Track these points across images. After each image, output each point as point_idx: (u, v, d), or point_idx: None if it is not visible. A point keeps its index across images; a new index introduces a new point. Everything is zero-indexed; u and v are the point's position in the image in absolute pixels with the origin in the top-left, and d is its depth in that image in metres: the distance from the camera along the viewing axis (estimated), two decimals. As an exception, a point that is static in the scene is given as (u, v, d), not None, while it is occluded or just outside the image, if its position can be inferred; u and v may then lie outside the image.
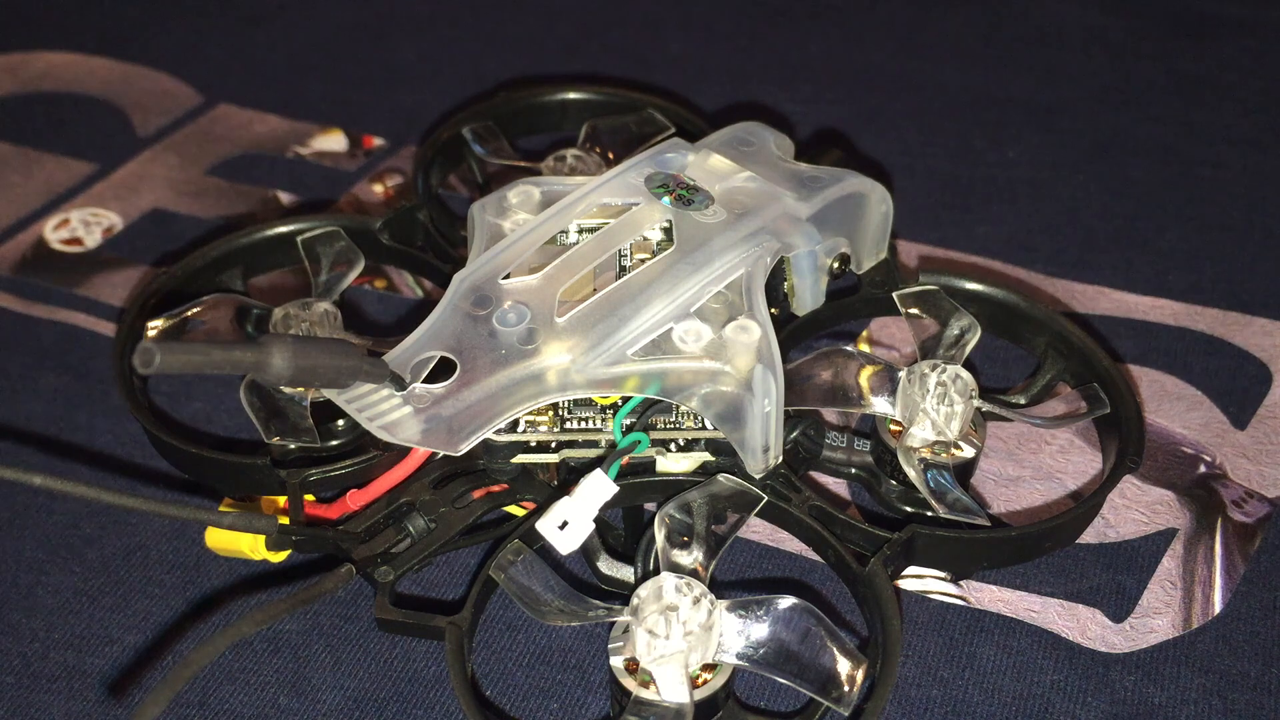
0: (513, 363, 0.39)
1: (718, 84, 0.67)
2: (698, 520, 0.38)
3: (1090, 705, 0.39)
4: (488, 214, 0.45)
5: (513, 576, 0.37)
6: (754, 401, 0.39)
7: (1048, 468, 0.46)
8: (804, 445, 0.43)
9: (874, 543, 0.40)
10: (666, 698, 0.35)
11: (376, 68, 0.69)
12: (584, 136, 0.54)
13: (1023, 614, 0.42)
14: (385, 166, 0.62)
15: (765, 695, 0.40)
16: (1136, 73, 0.67)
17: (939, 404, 0.41)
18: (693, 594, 0.36)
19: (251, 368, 0.35)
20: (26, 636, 0.42)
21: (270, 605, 0.36)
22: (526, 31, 0.72)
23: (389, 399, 0.39)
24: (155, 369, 0.31)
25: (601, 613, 0.37)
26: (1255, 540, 0.44)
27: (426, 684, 0.40)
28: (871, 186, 0.46)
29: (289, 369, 0.35)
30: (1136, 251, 0.56)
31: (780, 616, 0.36)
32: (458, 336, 0.40)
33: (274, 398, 0.43)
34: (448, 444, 0.38)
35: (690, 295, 0.41)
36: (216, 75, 0.68)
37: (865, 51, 0.70)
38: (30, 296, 0.55)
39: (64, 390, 0.50)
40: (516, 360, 0.39)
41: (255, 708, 0.40)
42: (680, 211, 0.43)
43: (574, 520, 0.38)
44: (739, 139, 0.47)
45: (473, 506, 0.41)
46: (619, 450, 0.40)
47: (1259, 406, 0.48)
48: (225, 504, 0.43)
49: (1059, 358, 0.47)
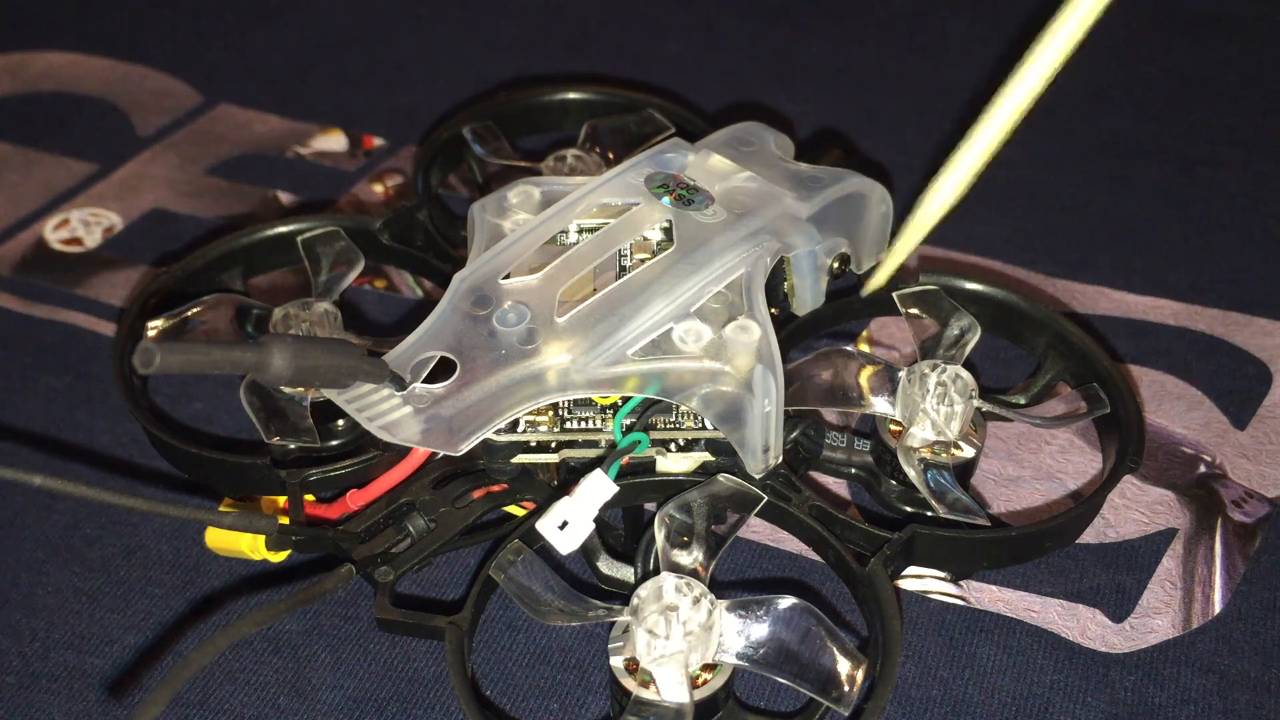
0: (513, 363, 0.39)
1: (718, 84, 0.67)
2: (698, 520, 0.38)
3: (1090, 705, 0.39)
4: (488, 214, 0.45)
5: (513, 576, 0.37)
6: (754, 401, 0.39)
7: (1048, 468, 0.46)
8: (804, 445, 0.43)
9: (874, 543, 0.40)
10: (666, 698, 0.35)
11: (376, 68, 0.69)
12: (584, 136, 0.54)
13: (1023, 614, 0.42)
14: (385, 166, 0.62)
15: (765, 695, 0.40)
16: (1136, 73, 0.67)
17: (939, 404, 0.41)
18: (693, 594, 0.36)
19: (252, 367, 0.35)
20: (26, 636, 0.42)
21: (270, 605, 0.36)
22: (526, 31, 0.72)
23: (389, 399, 0.39)
24: (155, 369, 0.31)
25: (601, 613, 0.37)
26: (1255, 540, 0.44)
27: (426, 684, 0.40)
28: (871, 186, 0.46)
29: (289, 369, 0.35)
30: (1136, 251, 0.56)
31: (780, 616, 0.36)
32: (458, 336, 0.40)
33: (274, 398, 0.43)
34: (448, 444, 0.38)
35: (690, 295, 0.41)
36: (216, 75, 0.68)
37: (865, 51, 0.70)
38: (30, 296, 0.55)
39: (64, 390, 0.50)
40: (516, 360, 0.39)
41: (255, 708, 0.40)
42: (680, 211, 0.43)
43: (574, 520, 0.38)
44: (739, 139, 0.47)
45: (473, 506, 0.41)
46: (619, 450, 0.40)
47: (1259, 406, 0.48)
48: (225, 504, 0.43)
49: (1059, 358, 0.47)
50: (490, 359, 0.40)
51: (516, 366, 0.39)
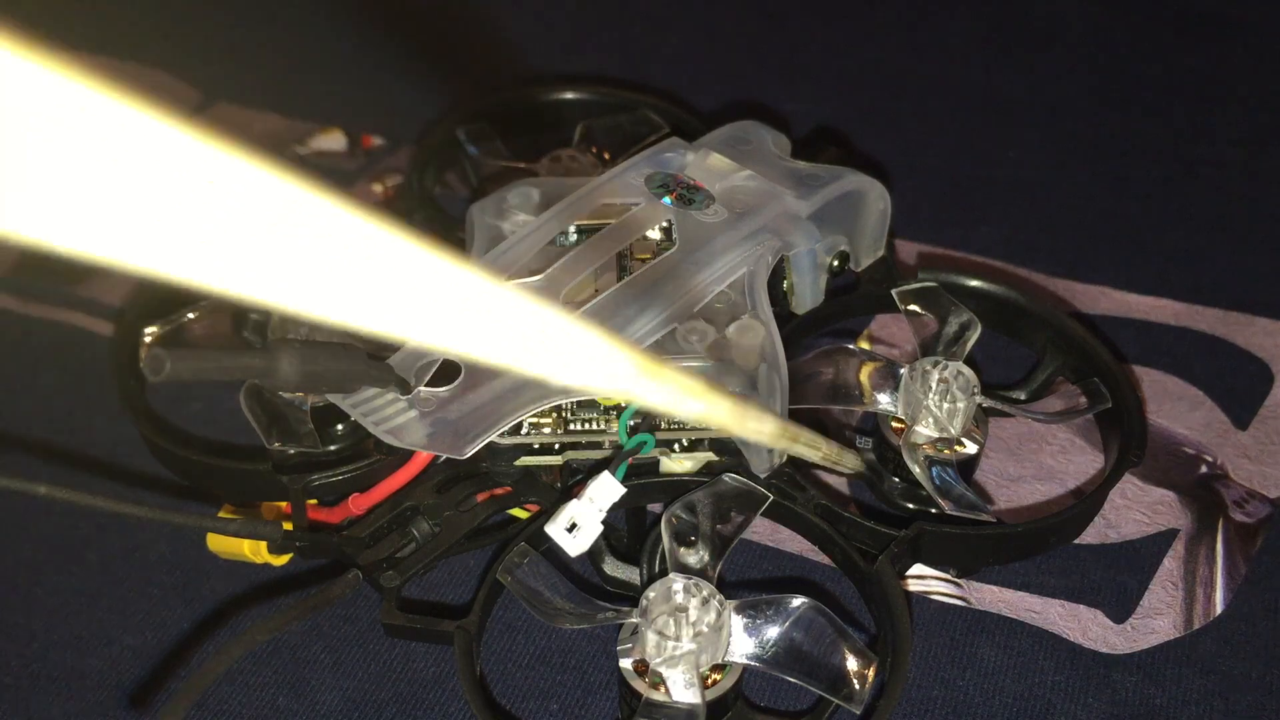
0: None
1: (717, 84, 0.67)
2: (704, 520, 0.38)
3: (1091, 706, 0.39)
4: (487, 215, 0.45)
5: (520, 579, 0.37)
6: (759, 401, 0.39)
7: (1049, 467, 0.46)
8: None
9: (880, 540, 0.39)
10: (678, 699, 0.35)
11: (376, 68, 0.69)
12: (579, 136, 0.53)
13: (1024, 614, 0.42)
14: (385, 166, 0.62)
15: (773, 695, 0.40)
16: (1136, 72, 0.67)
17: (942, 401, 0.41)
18: (701, 594, 0.36)
19: (260, 374, 0.35)
20: (25, 637, 0.42)
21: (281, 613, 0.36)
22: (526, 31, 0.72)
23: (394, 403, 0.39)
24: (165, 376, 0.31)
25: (610, 615, 0.37)
26: (1257, 541, 0.44)
27: (425, 685, 0.40)
28: (870, 184, 0.46)
29: (297, 374, 0.35)
30: (1136, 251, 0.56)
31: (790, 616, 0.36)
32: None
33: (274, 403, 0.42)
34: (454, 448, 0.38)
35: (694, 295, 0.41)
36: (216, 75, 0.68)
37: (865, 51, 0.70)
38: (30, 296, 0.54)
39: (63, 390, 0.50)
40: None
41: (254, 708, 0.40)
42: (682, 211, 0.43)
43: (583, 522, 0.38)
44: (736, 137, 0.47)
45: (477, 510, 0.41)
46: (626, 451, 0.39)
47: (1260, 407, 0.48)
48: (225, 509, 0.42)
49: (1058, 353, 0.47)
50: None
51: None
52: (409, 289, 0.20)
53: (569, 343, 0.23)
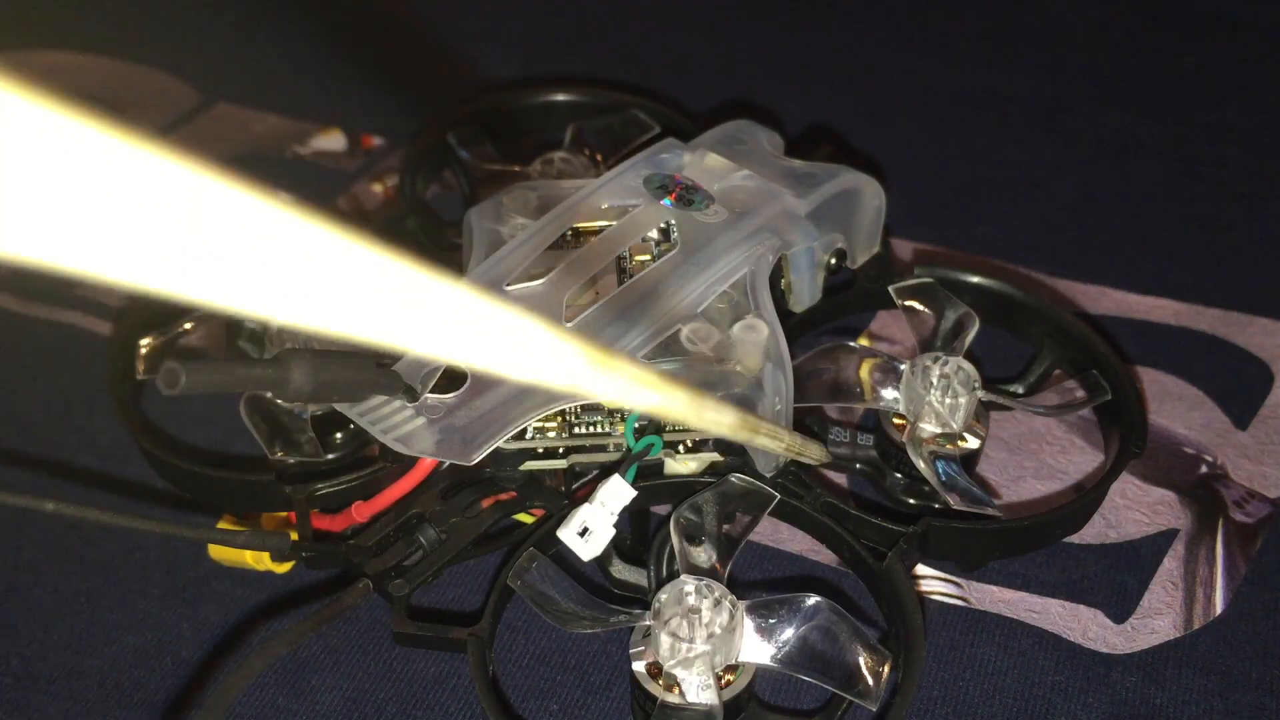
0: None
1: (715, 83, 0.67)
2: (712, 521, 0.38)
3: (1091, 706, 0.39)
4: (485, 220, 0.44)
5: (530, 584, 0.37)
6: (765, 400, 0.39)
7: (1049, 466, 0.46)
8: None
9: (887, 537, 0.39)
10: (694, 701, 0.35)
11: (376, 68, 0.69)
12: (570, 138, 0.53)
13: (1024, 614, 0.42)
14: (384, 166, 0.62)
15: (786, 694, 0.39)
16: (1137, 72, 0.67)
17: (944, 396, 0.41)
18: (713, 595, 0.36)
19: (273, 384, 0.35)
20: (25, 638, 0.42)
21: (297, 625, 0.36)
22: (525, 31, 0.72)
23: (401, 411, 0.38)
24: (180, 390, 0.31)
25: (623, 618, 0.37)
26: (1256, 541, 0.44)
27: (425, 685, 0.40)
28: (865, 181, 0.46)
29: (309, 384, 0.35)
30: (1137, 251, 0.56)
31: (803, 615, 0.36)
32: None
33: (274, 413, 0.42)
34: (462, 454, 0.38)
35: (696, 296, 0.41)
36: (216, 75, 0.68)
37: (864, 51, 0.70)
38: (30, 296, 0.54)
39: (62, 390, 0.50)
40: (526, 367, 0.39)
41: (254, 708, 0.40)
42: (682, 212, 0.43)
43: (595, 526, 0.38)
44: (731, 137, 0.47)
45: (483, 516, 0.40)
46: (634, 454, 0.39)
47: (1260, 407, 0.48)
48: (225, 520, 0.42)
49: (1056, 345, 0.47)
50: (499, 367, 0.39)
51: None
52: (401, 301, 0.20)
53: (506, 335, 0.23)
